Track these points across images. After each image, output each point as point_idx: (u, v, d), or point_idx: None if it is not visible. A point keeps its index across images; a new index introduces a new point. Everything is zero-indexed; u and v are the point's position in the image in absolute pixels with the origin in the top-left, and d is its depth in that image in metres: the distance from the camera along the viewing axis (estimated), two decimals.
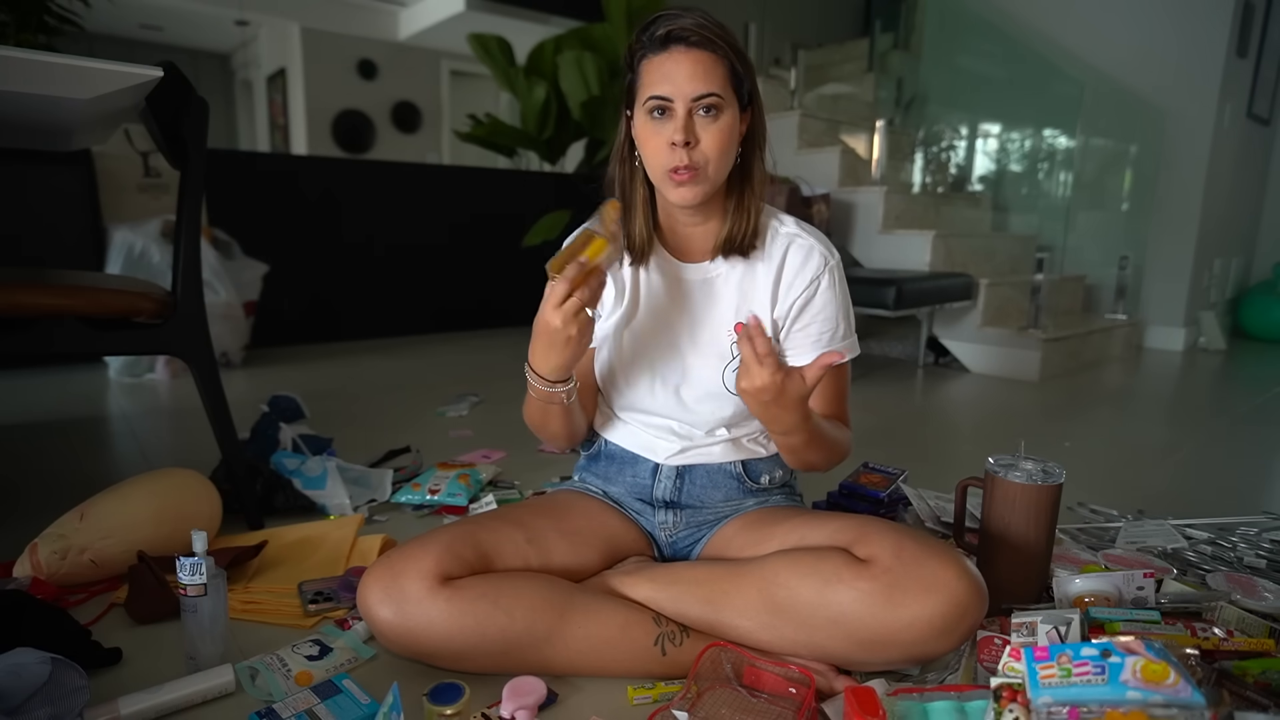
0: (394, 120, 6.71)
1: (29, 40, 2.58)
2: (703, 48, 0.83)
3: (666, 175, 0.86)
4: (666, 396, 0.97)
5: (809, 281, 0.93)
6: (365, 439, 1.80)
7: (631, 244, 0.95)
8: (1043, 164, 3.93)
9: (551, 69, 3.53)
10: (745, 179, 0.92)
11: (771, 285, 0.94)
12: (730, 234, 0.92)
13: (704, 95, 0.82)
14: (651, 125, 0.85)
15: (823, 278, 0.94)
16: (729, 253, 0.94)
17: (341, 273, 3.32)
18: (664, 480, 1.00)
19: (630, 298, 0.97)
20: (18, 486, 1.47)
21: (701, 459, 1.00)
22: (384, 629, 0.81)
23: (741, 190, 0.92)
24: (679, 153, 0.83)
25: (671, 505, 1.01)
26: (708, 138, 0.84)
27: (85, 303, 1.08)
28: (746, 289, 0.95)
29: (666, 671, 0.85)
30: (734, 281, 0.95)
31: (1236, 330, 4.11)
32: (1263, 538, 1.26)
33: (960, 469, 1.69)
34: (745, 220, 0.92)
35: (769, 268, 0.94)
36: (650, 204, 0.95)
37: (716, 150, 0.84)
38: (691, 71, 0.82)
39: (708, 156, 0.84)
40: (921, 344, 3.05)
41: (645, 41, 0.85)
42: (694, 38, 0.82)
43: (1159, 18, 3.45)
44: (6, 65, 0.85)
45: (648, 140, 0.86)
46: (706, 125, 0.84)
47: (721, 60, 0.83)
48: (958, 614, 0.77)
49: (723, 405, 0.96)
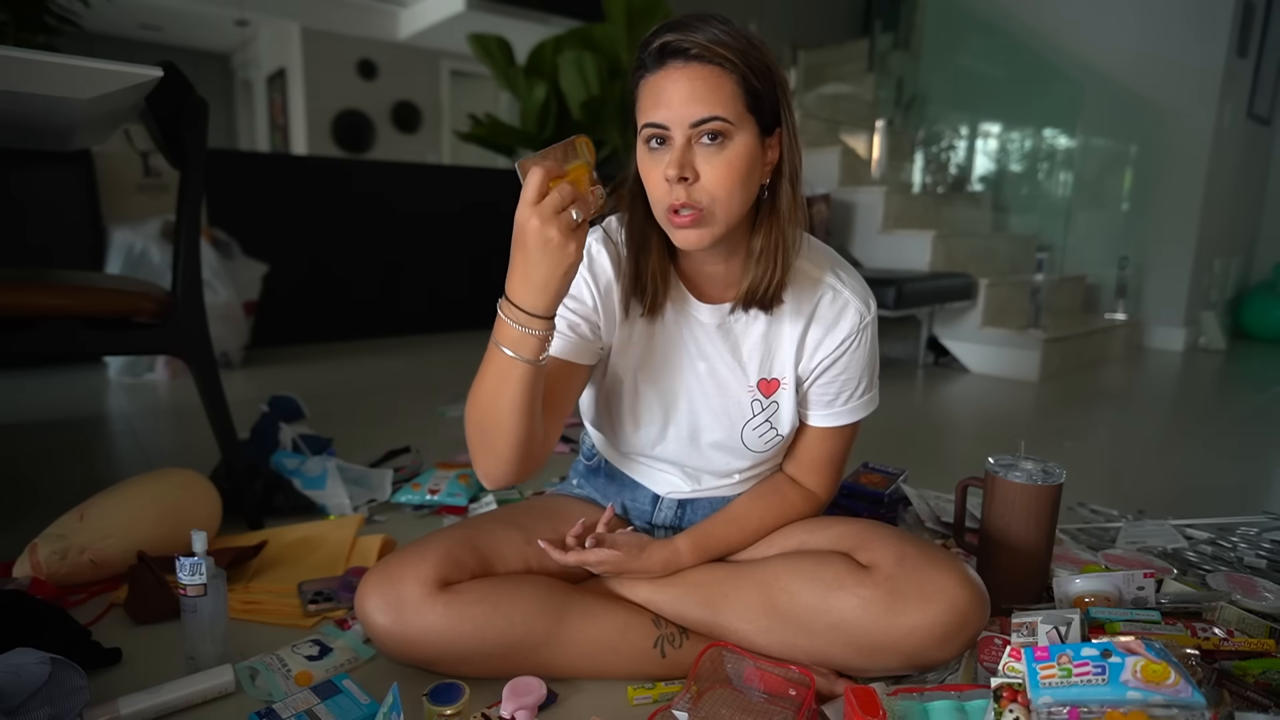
0: (394, 120, 6.71)
1: (29, 40, 2.58)
2: (706, 62, 0.69)
3: (666, 216, 0.73)
4: (679, 445, 0.89)
5: (839, 343, 0.84)
6: (365, 439, 1.79)
7: (643, 290, 0.82)
8: (1043, 164, 3.93)
9: (551, 69, 3.53)
10: (773, 216, 0.77)
11: (799, 339, 0.84)
12: (753, 286, 0.79)
13: (704, 120, 0.69)
14: (650, 156, 0.72)
15: (854, 339, 0.84)
16: (749, 306, 0.81)
17: (342, 272, 3.32)
18: (665, 510, 0.97)
19: (643, 339, 0.86)
20: (18, 486, 1.47)
21: (706, 496, 0.95)
22: (382, 636, 0.80)
23: (769, 230, 0.77)
24: (676, 189, 0.70)
25: (672, 529, 0.98)
26: (711, 172, 0.70)
27: (85, 303, 1.08)
28: (771, 341, 0.85)
29: (666, 673, 0.85)
30: (757, 331, 0.84)
31: (1236, 330, 4.10)
32: (1263, 538, 1.26)
33: (960, 469, 1.69)
34: (772, 269, 0.77)
35: (797, 319, 0.83)
36: (664, 240, 0.81)
37: (724, 187, 0.70)
38: (690, 92, 0.68)
39: (713, 195, 0.71)
40: (921, 344, 3.05)
41: (643, 57, 0.72)
42: (694, 50, 0.68)
43: (1159, 18, 3.45)
44: (6, 65, 0.85)
45: (647, 174, 0.73)
46: (710, 156, 0.70)
47: (729, 76, 0.69)
48: (959, 622, 0.77)
49: (738, 458, 0.90)
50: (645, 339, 0.86)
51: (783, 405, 0.88)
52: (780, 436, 0.89)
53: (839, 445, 0.92)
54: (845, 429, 0.91)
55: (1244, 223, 4.09)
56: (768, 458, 0.92)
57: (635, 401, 0.88)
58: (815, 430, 0.91)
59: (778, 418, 0.88)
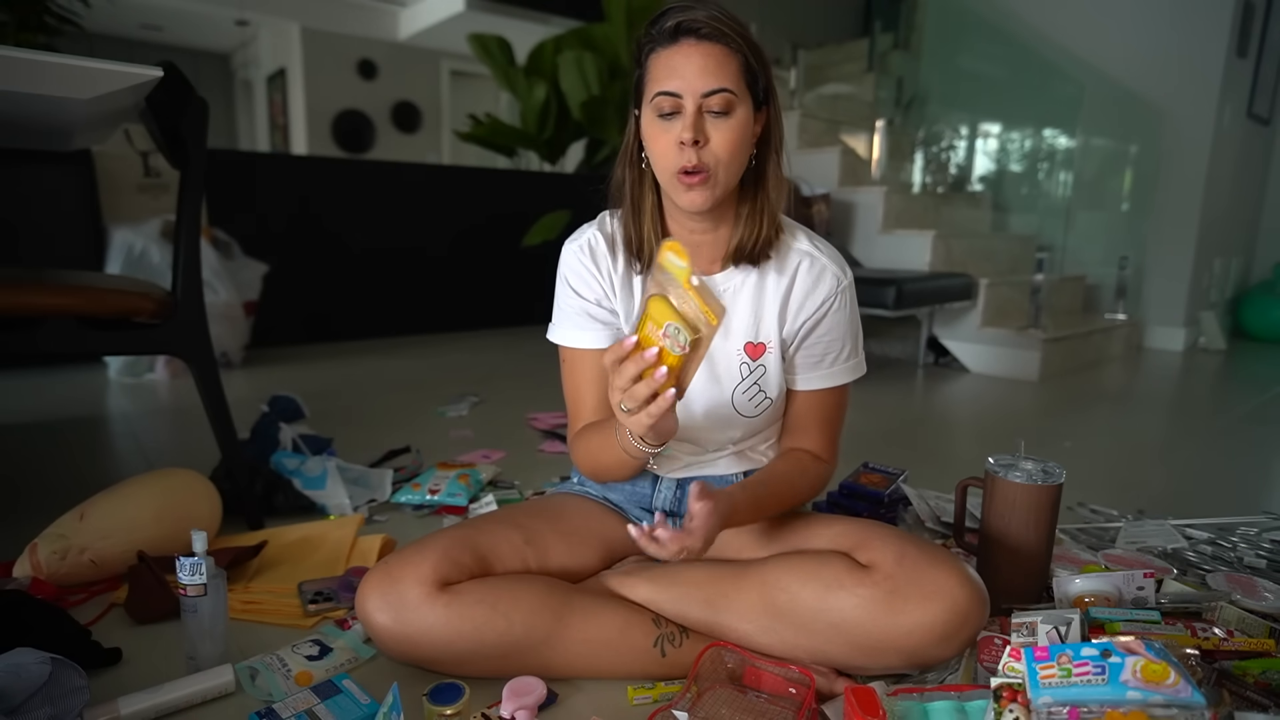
0: (394, 120, 6.72)
1: (29, 40, 2.59)
2: (715, 40, 0.77)
3: (675, 178, 0.80)
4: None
5: (819, 304, 0.89)
6: (365, 439, 1.79)
7: (639, 251, 0.90)
8: (1043, 164, 3.93)
9: (551, 69, 3.53)
10: (759, 183, 0.86)
11: (780, 303, 0.90)
12: (741, 242, 0.87)
13: (715, 91, 0.77)
14: (659, 123, 0.80)
15: (833, 300, 0.90)
16: (739, 261, 0.88)
17: (341, 272, 3.32)
18: (664, 491, 0.99)
19: (635, 308, 0.92)
20: (18, 486, 1.47)
21: (704, 472, 0.98)
22: (382, 635, 0.81)
23: (755, 195, 0.87)
24: (688, 152, 0.78)
25: (671, 514, 1.00)
26: (719, 137, 0.78)
27: (85, 303, 1.08)
28: (757, 305, 0.90)
29: (666, 673, 0.85)
30: (745, 297, 0.90)
31: (1236, 330, 4.11)
32: (1263, 538, 1.26)
33: (960, 469, 1.69)
34: (758, 228, 0.86)
35: (779, 284, 0.90)
36: (658, 209, 0.89)
37: (728, 151, 0.79)
38: (703, 65, 0.77)
39: (719, 157, 0.79)
40: (921, 344, 3.05)
41: (654, 34, 0.80)
42: (705, 29, 0.77)
43: (1159, 18, 3.45)
44: (6, 65, 0.85)
45: (656, 139, 0.81)
46: (717, 124, 0.78)
47: (735, 54, 0.78)
48: (959, 621, 0.77)
49: (730, 425, 0.93)
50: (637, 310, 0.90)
51: (770, 369, 0.92)
52: (769, 400, 0.92)
53: (831, 408, 0.95)
54: (834, 392, 0.94)
55: (1244, 223, 4.09)
56: (759, 427, 0.95)
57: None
58: (806, 395, 0.95)
59: (765, 380, 0.92)
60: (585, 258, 0.92)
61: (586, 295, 0.92)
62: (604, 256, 0.92)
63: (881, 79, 4.34)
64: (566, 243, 0.95)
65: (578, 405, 0.95)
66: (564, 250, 0.94)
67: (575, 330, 0.94)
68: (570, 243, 0.94)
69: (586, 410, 0.94)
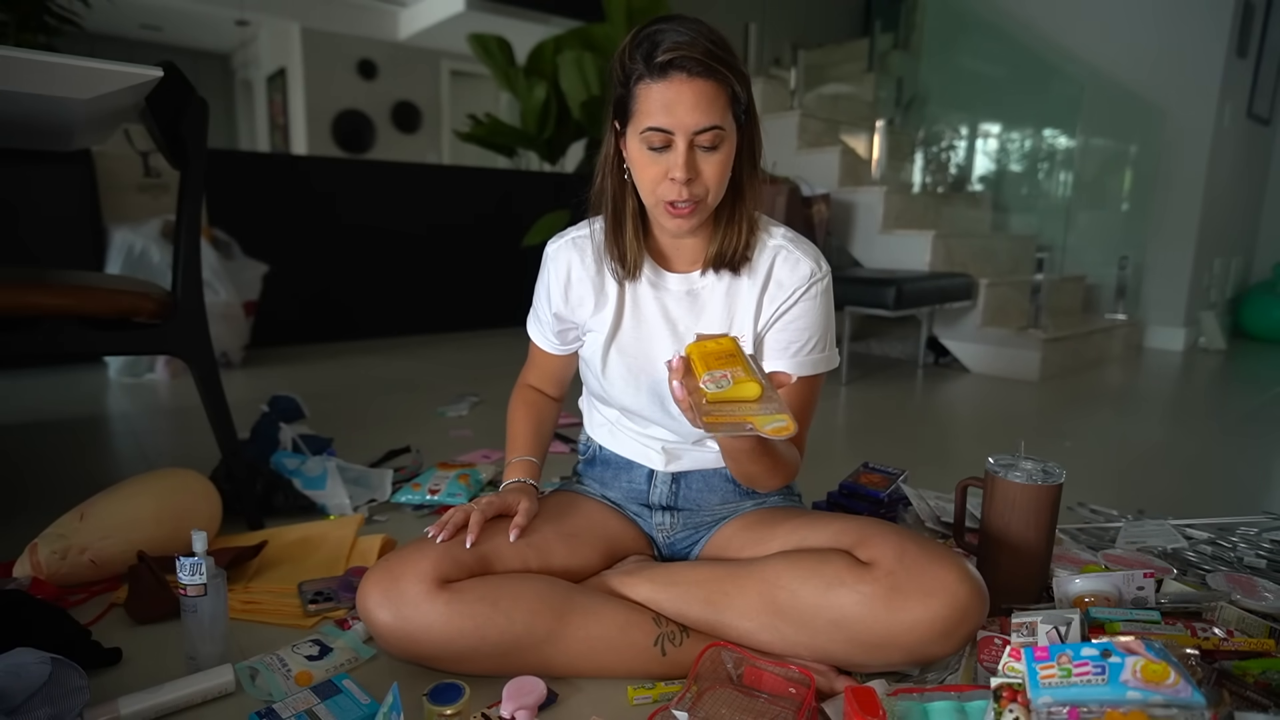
0: (394, 120, 6.71)
1: (29, 40, 2.59)
2: (706, 77, 0.77)
3: (662, 207, 0.83)
4: (653, 408, 0.95)
5: (792, 290, 0.91)
6: (365, 439, 1.79)
7: (621, 258, 0.92)
8: (1043, 164, 3.93)
9: (551, 69, 3.53)
10: (737, 192, 0.88)
11: (756, 298, 0.91)
12: (720, 250, 0.89)
13: (707, 129, 0.78)
14: (649, 154, 0.81)
15: (805, 290, 0.91)
16: (719, 268, 0.91)
17: (341, 272, 3.32)
18: (659, 485, 1.01)
19: (615, 310, 0.94)
20: (18, 486, 1.47)
21: (696, 465, 1.00)
22: (383, 632, 0.81)
23: (733, 204, 0.88)
24: (679, 188, 0.80)
25: (669, 509, 1.01)
26: (708, 169, 0.80)
27: (85, 303, 1.08)
28: (732, 302, 0.92)
29: (666, 672, 0.85)
30: (720, 294, 0.92)
31: (1236, 330, 4.10)
32: (1263, 538, 1.26)
33: (960, 469, 1.69)
34: (736, 235, 0.89)
35: (755, 281, 0.91)
36: (640, 215, 0.91)
37: (716, 181, 0.82)
38: (694, 103, 0.77)
39: (708, 188, 0.81)
40: (921, 344, 3.05)
41: (642, 63, 0.78)
42: (696, 67, 0.77)
43: (1159, 18, 3.45)
44: (6, 65, 0.85)
45: (644, 168, 0.82)
46: (708, 158, 0.80)
47: (723, 88, 0.79)
48: (959, 617, 0.77)
49: None
50: (618, 311, 0.95)
51: None
52: None
53: (799, 398, 0.94)
54: (804, 382, 0.93)
55: (1244, 223, 4.09)
56: None
57: (614, 368, 0.96)
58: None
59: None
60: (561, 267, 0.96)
61: (553, 304, 0.98)
62: (559, 270, 0.96)
63: (881, 79, 4.33)
64: (550, 242, 0.98)
65: (531, 363, 1.09)
66: (547, 250, 0.98)
67: (535, 325, 1.04)
68: (554, 244, 0.97)
69: (534, 373, 1.09)
